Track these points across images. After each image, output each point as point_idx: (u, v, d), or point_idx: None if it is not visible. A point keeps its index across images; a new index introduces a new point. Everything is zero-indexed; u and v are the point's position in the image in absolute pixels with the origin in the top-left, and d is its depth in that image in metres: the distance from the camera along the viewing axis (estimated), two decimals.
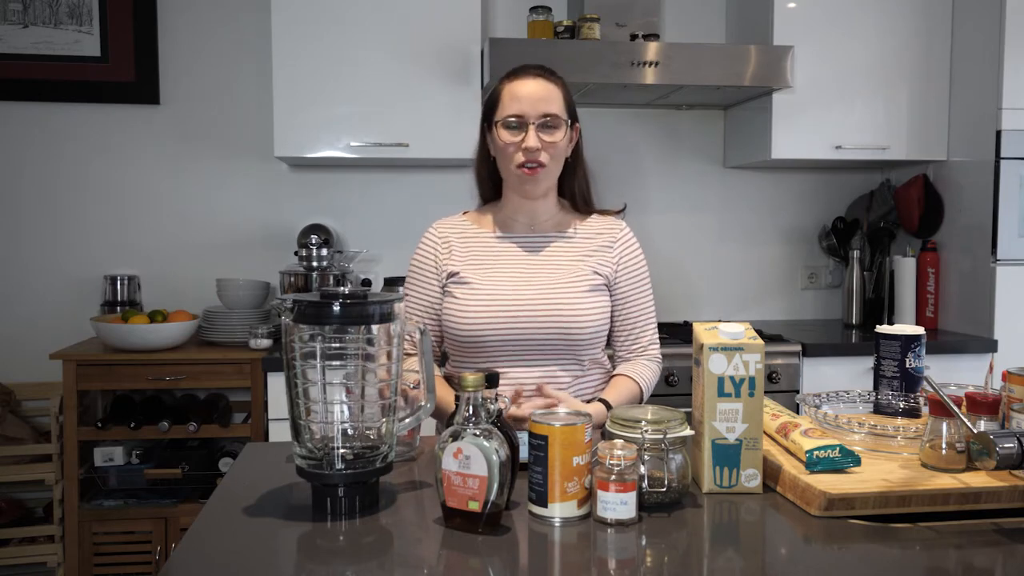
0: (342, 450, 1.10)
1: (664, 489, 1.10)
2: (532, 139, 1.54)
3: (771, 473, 1.20)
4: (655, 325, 1.71)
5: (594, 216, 1.71)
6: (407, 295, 1.67)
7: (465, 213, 1.73)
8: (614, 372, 1.68)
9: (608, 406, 1.55)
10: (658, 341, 1.72)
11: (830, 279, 3.34)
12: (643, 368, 1.67)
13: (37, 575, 2.67)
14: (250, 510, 1.12)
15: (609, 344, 1.70)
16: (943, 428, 1.17)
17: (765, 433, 1.30)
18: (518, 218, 1.67)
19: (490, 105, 1.63)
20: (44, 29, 2.86)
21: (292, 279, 2.80)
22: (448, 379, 1.65)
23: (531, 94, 1.56)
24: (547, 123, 1.56)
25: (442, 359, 1.73)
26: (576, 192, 1.69)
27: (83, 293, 2.93)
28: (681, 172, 3.23)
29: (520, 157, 1.56)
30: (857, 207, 3.26)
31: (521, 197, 1.63)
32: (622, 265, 1.66)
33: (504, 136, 1.57)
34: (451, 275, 1.63)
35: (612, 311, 1.66)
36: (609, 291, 1.66)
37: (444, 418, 1.55)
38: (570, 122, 1.61)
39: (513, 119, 1.56)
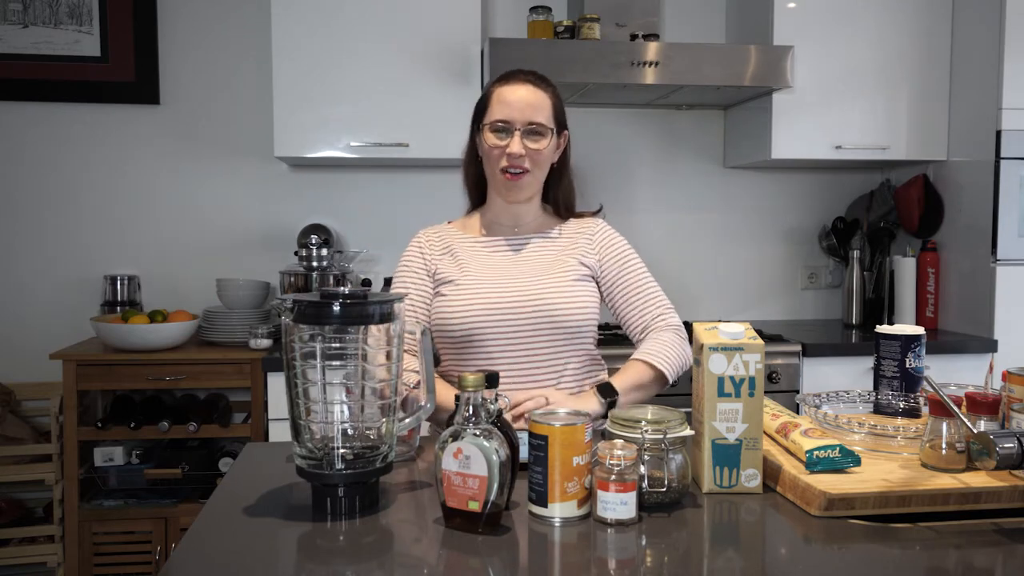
0: (342, 450, 1.10)
1: (664, 489, 1.10)
2: (516, 145, 1.57)
3: (771, 473, 1.20)
4: (660, 296, 1.66)
5: (571, 219, 1.73)
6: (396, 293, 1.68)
7: (450, 222, 1.76)
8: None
9: (611, 390, 1.52)
10: (670, 310, 1.65)
11: (830, 279, 3.34)
12: (651, 344, 1.60)
13: (37, 575, 2.67)
14: (250, 510, 1.11)
15: (624, 340, 1.70)
16: (943, 428, 1.17)
17: (765, 433, 1.30)
18: (502, 220, 1.69)
19: (480, 108, 1.66)
20: (44, 29, 2.86)
21: (292, 279, 2.80)
22: (444, 378, 1.65)
23: (519, 100, 1.58)
24: (532, 130, 1.58)
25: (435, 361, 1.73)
26: (560, 199, 1.72)
27: (83, 293, 2.93)
28: (681, 172, 3.23)
29: (504, 161, 1.59)
30: (857, 207, 3.26)
31: (505, 201, 1.66)
32: (604, 250, 1.68)
33: (490, 139, 1.60)
34: (438, 277, 1.64)
35: (611, 297, 1.66)
36: (597, 282, 1.67)
37: (443, 419, 1.53)
38: (557, 131, 1.62)
39: (500, 123, 1.58)
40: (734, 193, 3.27)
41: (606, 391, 1.53)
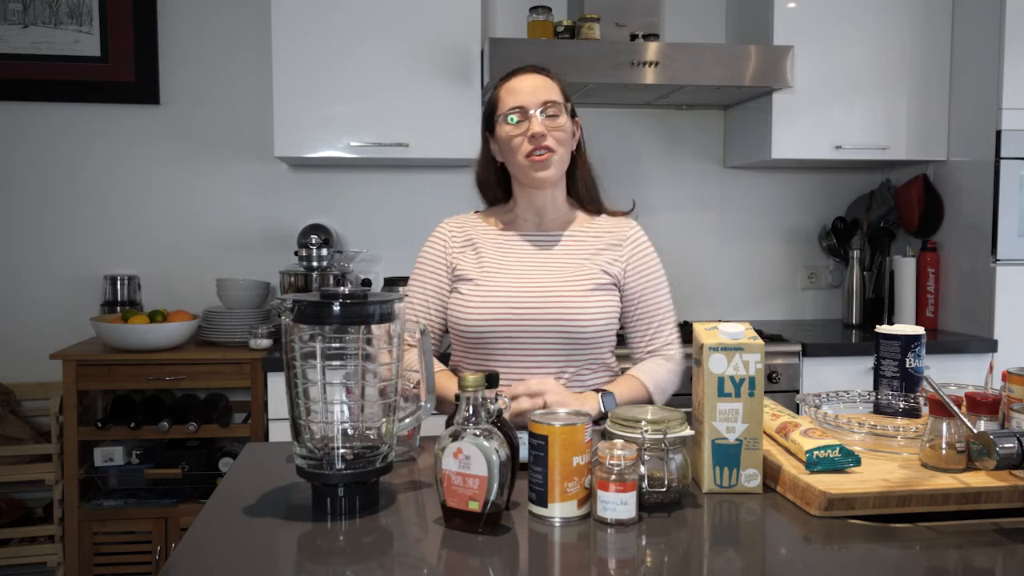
0: (342, 450, 1.10)
1: (664, 489, 1.10)
2: (537, 125, 1.55)
3: (771, 473, 1.20)
4: (672, 324, 1.67)
5: (603, 216, 1.70)
6: (413, 286, 1.66)
7: (476, 212, 1.74)
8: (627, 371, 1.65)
9: (612, 400, 1.52)
10: (676, 341, 1.67)
11: (830, 279, 3.34)
12: (654, 367, 1.63)
13: (37, 575, 2.67)
14: (250, 510, 1.11)
15: (624, 344, 1.68)
16: (943, 428, 1.17)
17: (765, 433, 1.30)
18: (527, 216, 1.67)
19: (490, 108, 1.64)
20: (44, 29, 2.86)
21: (292, 279, 2.80)
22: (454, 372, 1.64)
23: (529, 86, 1.58)
24: (548, 111, 1.56)
25: (442, 359, 1.73)
26: (581, 190, 1.69)
27: (83, 293, 2.93)
28: (681, 172, 3.23)
29: (527, 146, 1.55)
30: (857, 207, 3.26)
31: (533, 188, 1.62)
32: (632, 264, 1.65)
33: (508, 130, 1.57)
34: (458, 271, 1.63)
35: (624, 310, 1.65)
36: (620, 291, 1.65)
37: (447, 411, 1.52)
38: (571, 112, 1.62)
39: (515, 110, 1.56)
40: (734, 193, 3.27)
41: (608, 401, 1.52)
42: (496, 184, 1.70)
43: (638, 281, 1.64)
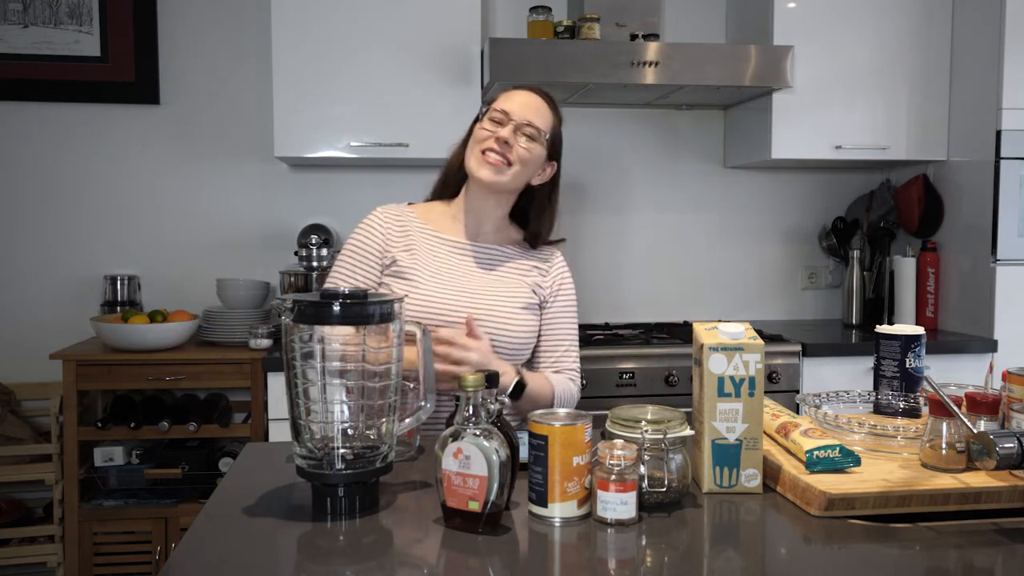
0: (342, 450, 1.10)
1: (664, 489, 1.10)
2: (507, 131, 1.56)
3: (771, 473, 1.20)
4: (577, 351, 1.72)
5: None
6: (339, 274, 1.63)
7: (410, 204, 1.73)
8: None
9: (521, 380, 1.53)
10: (577, 367, 1.72)
11: (830, 279, 3.34)
12: (563, 381, 1.66)
13: (37, 575, 2.67)
14: (250, 510, 1.11)
15: (531, 364, 1.70)
16: (943, 428, 1.17)
17: (765, 433, 1.30)
18: (467, 222, 1.67)
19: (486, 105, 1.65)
20: (44, 29, 2.86)
21: (292, 279, 2.80)
22: None
23: (523, 100, 1.60)
24: (527, 131, 1.58)
25: None
26: (541, 231, 1.70)
27: (83, 293, 2.93)
28: (681, 172, 3.23)
29: (490, 143, 1.57)
30: (857, 207, 3.26)
31: (475, 186, 1.62)
32: (554, 289, 1.69)
33: (483, 123, 1.60)
34: (393, 267, 1.61)
35: (540, 331, 1.68)
36: (540, 311, 1.69)
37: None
38: (549, 152, 1.62)
39: (499, 112, 1.58)
40: (734, 193, 3.27)
41: (519, 382, 1.54)
42: (455, 174, 1.70)
43: (556, 307, 1.69)
